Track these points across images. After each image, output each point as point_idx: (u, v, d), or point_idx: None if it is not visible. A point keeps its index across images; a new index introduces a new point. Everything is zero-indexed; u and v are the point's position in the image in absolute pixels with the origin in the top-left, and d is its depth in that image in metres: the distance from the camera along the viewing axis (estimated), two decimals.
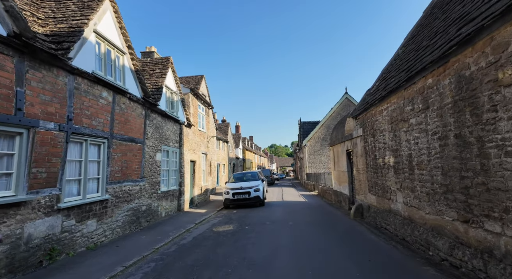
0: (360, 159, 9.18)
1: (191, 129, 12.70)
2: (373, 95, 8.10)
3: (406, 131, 5.76)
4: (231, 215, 10.35)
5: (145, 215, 8.27)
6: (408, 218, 5.84)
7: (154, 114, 9.06)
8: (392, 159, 6.56)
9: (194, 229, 8.11)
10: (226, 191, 12.56)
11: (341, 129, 12.06)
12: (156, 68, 9.98)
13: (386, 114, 6.82)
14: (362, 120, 8.89)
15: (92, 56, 5.80)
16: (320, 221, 8.64)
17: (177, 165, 11.09)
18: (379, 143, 7.38)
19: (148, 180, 8.52)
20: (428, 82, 4.81)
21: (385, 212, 7.07)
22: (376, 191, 7.77)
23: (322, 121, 28.93)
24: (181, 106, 11.44)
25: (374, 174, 7.83)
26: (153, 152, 8.92)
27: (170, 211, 10.29)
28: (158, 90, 9.17)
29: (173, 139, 10.74)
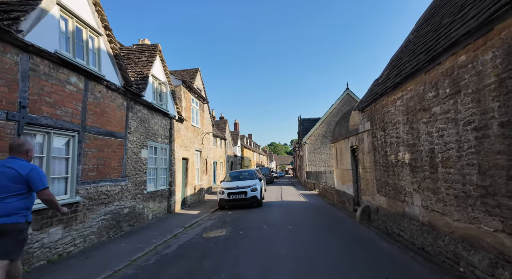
0: (367, 156, 8.30)
1: (183, 124, 11.80)
2: (383, 84, 7.21)
3: (427, 122, 4.87)
4: (226, 217, 9.48)
5: (128, 218, 7.39)
6: (428, 224, 4.97)
7: (139, 106, 8.15)
8: (407, 155, 5.68)
9: (182, 234, 7.23)
10: (221, 190, 11.69)
11: (345, 124, 11.18)
12: (142, 56, 9.06)
13: (400, 104, 5.94)
14: (370, 112, 8.01)
15: (54, 33, 4.89)
16: (323, 224, 7.78)
17: (167, 162, 10.20)
18: (391, 138, 6.50)
19: (131, 180, 7.63)
20: (459, 60, 3.92)
21: (398, 216, 6.20)
22: (386, 192, 6.91)
23: (322, 117, 28.06)
24: (172, 99, 10.53)
25: (385, 172, 6.96)
26: (137, 149, 8.03)
27: (159, 213, 9.42)
28: (143, 80, 8.26)
29: (162, 135, 9.84)
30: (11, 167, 3.05)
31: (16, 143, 3.26)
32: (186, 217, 9.53)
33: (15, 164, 3.09)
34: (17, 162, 3.11)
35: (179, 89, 11.67)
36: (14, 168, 3.05)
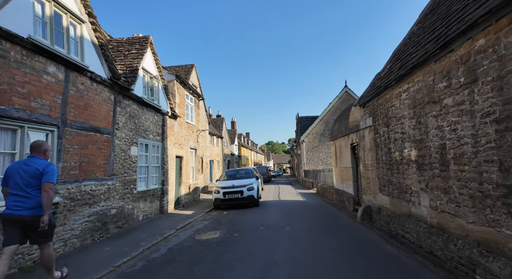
0: (369, 153, 7.92)
1: (177, 121, 11.35)
2: (387, 77, 6.82)
3: (436, 116, 4.48)
4: (220, 218, 9.06)
5: (115, 220, 6.95)
6: (437, 226, 4.58)
7: (128, 101, 7.69)
8: (414, 152, 5.29)
9: (174, 236, 6.80)
10: (217, 190, 11.27)
11: (345, 121, 10.79)
12: (132, 48, 8.59)
13: (406, 97, 5.54)
14: (372, 107, 7.61)
15: (28, 17, 4.42)
16: (323, 225, 7.39)
17: (159, 161, 9.75)
18: (395, 134, 6.11)
19: (119, 178, 7.18)
20: (477, 45, 3.52)
21: (403, 217, 5.82)
22: (389, 191, 6.52)
23: (320, 116, 27.71)
24: (164, 94, 10.07)
25: (388, 170, 6.57)
26: (126, 146, 7.57)
27: (150, 213, 8.98)
28: (132, 73, 7.79)
29: (154, 131, 9.39)
30: (31, 165, 3.43)
31: (36, 143, 3.64)
32: (179, 218, 9.10)
33: (35, 163, 3.47)
34: (37, 161, 3.50)
35: (172, 85, 11.21)
36: (35, 166, 3.43)
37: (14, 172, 3.41)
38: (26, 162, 3.49)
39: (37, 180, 3.38)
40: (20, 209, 3.30)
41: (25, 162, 3.48)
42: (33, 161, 3.47)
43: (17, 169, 3.42)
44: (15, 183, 3.36)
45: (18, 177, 3.37)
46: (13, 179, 3.39)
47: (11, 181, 3.40)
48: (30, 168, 3.40)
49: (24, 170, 3.39)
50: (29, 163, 3.45)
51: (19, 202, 3.33)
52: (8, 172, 3.46)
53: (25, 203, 3.32)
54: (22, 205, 3.32)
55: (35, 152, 3.58)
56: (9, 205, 3.35)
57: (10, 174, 3.44)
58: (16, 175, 3.38)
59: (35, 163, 3.45)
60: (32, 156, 3.56)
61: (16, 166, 3.48)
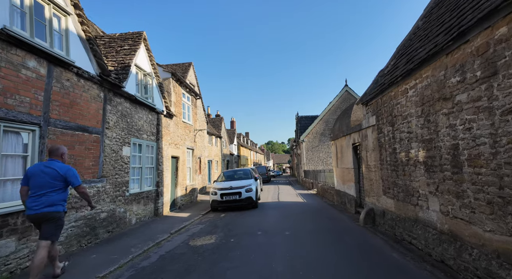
0: (372, 154, 7.57)
1: (173, 120, 10.99)
2: (391, 73, 6.47)
3: (448, 114, 4.13)
4: (217, 221, 8.70)
5: (106, 224, 6.59)
6: (448, 233, 4.23)
7: (119, 99, 7.33)
8: (422, 152, 4.94)
9: (167, 242, 6.45)
10: (214, 191, 10.92)
11: (346, 120, 10.44)
12: (124, 44, 8.23)
13: (413, 94, 5.19)
14: (375, 106, 7.26)
15: (3, 6, 4.05)
16: (324, 229, 7.04)
17: (154, 161, 9.40)
18: (401, 133, 5.76)
19: (110, 180, 6.82)
20: (497, 34, 3.16)
21: (409, 221, 5.47)
22: (394, 194, 6.18)
23: (320, 115, 27.38)
24: (159, 92, 9.71)
25: (393, 172, 6.22)
26: (117, 146, 7.21)
27: (144, 216, 8.62)
28: (124, 69, 7.43)
29: (148, 131, 9.03)
30: (51, 168, 3.77)
31: (53, 147, 3.99)
32: (174, 221, 8.75)
33: (54, 165, 3.81)
34: (55, 164, 3.85)
35: (168, 83, 10.85)
36: (54, 168, 3.78)
37: (35, 174, 3.72)
38: (46, 164, 3.83)
39: (57, 181, 3.75)
40: (39, 207, 3.65)
41: (45, 165, 3.82)
42: (52, 164, 3.83)
43: (37, 171, 3.74)
44: (35, 183, 3.68)
45: (39, 178, 3.68)
46: (33, 179, 3.69)
47: (31, 181, 3.70)
48: (50, 170, 3.76)
49: (44, 172, 3.72)
50: (49, 166, 3.80)
51: (38, 201, 3.66)
52: (29, 173, 3.76)
53: (42, 202, 3.66)
54: (40, 203, 3.66)
55: (53, 155, 3.95)
56: (30, 205, 3.66)
57: (30, 175, 3.73)
58: (37, 176, 3.69)
59: (55, 166, 3.81)
60: (51, 159, 3.92)
61: (36, 168, 3.80)
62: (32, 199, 3.66)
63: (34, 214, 3.64)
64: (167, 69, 10.88)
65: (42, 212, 3.64)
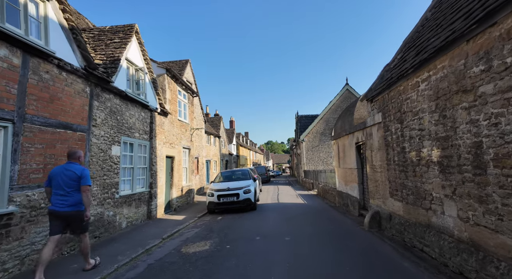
0: (378, 153, 7.12)
1: (168, 118, 10.52)
2: (399, 66, 6.01)
3: (468, 108, 3.67)
4: (213, 225, 8.24)
5: (92, 228, 6.12)
6: (469, 242, 3.78)
7: (108, 94, 6.86)
8: (436, 151, 4.48)
9: (157, 248, 5.98)
10: (211, 192, 10.45)
11: (349, 118, 9.99)
12: (115, 37, 7.75)
13: (425, 87, 4.73)
14: (381, 102, 6.80)
15: None
16: (326, 234, 6.58)
17: (147, 161, 8.93)
18: (410, 131, 5.30)
19: (97, 182, 6.36)
20: None
21: (420, 227, 5.02)
22: (403, 196, 5.72)
23: (321, 114, 26.92)
24: (152, 89, 9.24)
25: (401, 173, 5.77)
26: (106, 145, 6.74)
27: (136, 219, 8.15)
28: (113, 63, 6.95)
29: (140, 129, 8.56)
30: (71, 170, 4.14)
31: (71, 151, 4.37)
32: (168, 224, 8.28)
33: (73, 168, 4.18)
34: (74, 166, 4.21)
35: (162, 79, 10.38)
36: (73, 170, 4.14)
37: (56, 175, 4.11)
38: (66, 167, 4.20)
39: (75, 182, 4.11)
40: (63, 206, 4.03)
41: (65, 167, 4.19)
42: (71, 167, 4.20)
43: (59, 172, 4.13)
44: (57, 184, 4.07)
45: (60, 179, 4.08)
46: (55, 180, 4.09)
47: (53, 182, 4.10)
48: (69, 172, 4.13)
49: (64, 174, 4.11)
50: (68, 168, 4.17)
51: (62, 200, 4.04)
52: (51, 175, 4.15)
53: (66, 201, 4.05)
54: (64, 202, 4.03)
55: (71, 159, 4.33)
56: (54, 202, 4.06)
57: (52, 177, 4.13)
58: (58, 178, 4.08)
59: (73, 168, 4.18)
60: (70, 162, 4.30)
61: (58, 170, 4.18)
62: (56, 197, 4.06)
63: (57, 210, 4.03)
64: (162, 65, 10.41)
65: (65, 211, 4.03)
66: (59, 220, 4.06)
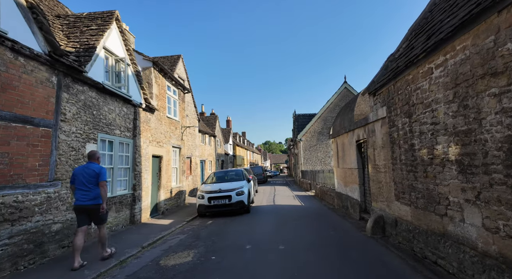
0: (381, 151, 6.46)
1: (155, 114, 9.79)
2: (406, 55, 5.35)
3: (499, 94, 3.00)
4: (201, 230, 7.53)
5: (60, 237, 5.40)
6: (498, 257, 3.11)
7: (81, 86, 6.14)
8: (454, 148, 3.81)
9: (134, 259, 5.27)
10: (201, 195, 9.75)
11: (349, 114, 9.33)
12: (92, 24, 7.02)
13: (441, 73, 4.06)
14: (386, 95, 6.14)
15: None
16: (325, 242, 5.90)
17: (130, 161, 8.20)
18: (421, 125, 4.64)
19: (67, 184, 5.63)
20: None
21: (433, 236, 4.35)
22: (411, 200, 5.06)
23: (318, 113, 26.28)
24: (136, 83, 8.52)
25: (409, 173, 5.10)
26: (79, 142, 6.02)
27: (117, 225, 7.42)
28: (87, 51, 6.22)
29: (122, 126, 7.83)
30: (90, 168, 4.80)
31: (91, 153, 5.05)
32: (151, 230, 7.56)
33: (93, 166, 4.85)
34: (93, 165, 4.88)
35: (148, 72, 9.65)
36: (92, 169, 4.81)
37: (79, 174, 4.69)
38: (87, 166, 4.79)
39: (95, 179, 4.68)
40: (85, 200, 4.61)
41: (86, 167, 4.78)
42: (91, 166, 4.78)
43: (81, 171, 4.72)
44: (80, 181, 4.65)
45: (82, 177, 4.65)
46: (78, 178, 4.66)
47: (76, 180, 4.68)
48: (90, 171, 4.71)
49: (86, 172, 4.68)
50: (89, 167, 4.76)
51: (84, 195, 4.62)
52: (75, 174, 4.73)
53: (87, 195, 4.62)
54: (86, 197, 4.62)
55: (91, 159, 4.94)
56: (78, 197, 4.65)
57: (76, 175, 4.71)
58: (81, 176, 4.66)
59: (92, 167, 4.77)
60: (90, 162, 4.90)
61: (80, 169, 4.77)
62: (79, 193, 4.66)
63: (80, 205, 4.64)
64: (148, 58, 9.68)
65: (87, 204, 4.63)
66: (84, 214, 4.72)
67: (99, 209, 4.72)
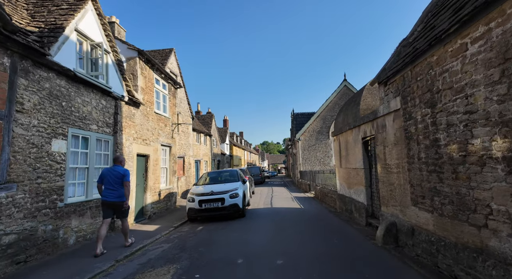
0: (393, 149, 5.63)
1: (140, 109, 8.91)
2: (426, 35, 4.52)
3: None
4: (189, 239, 6.66)
5: (14, 251, 4.50)
6: None
7: (46, 72, 5.25)
8: (500, 143, 2.99)
9: (103, 277, 4.38)
10: (191, 197, 8.87)
11: (353, 109, 8.51)
12: (63, 3, 6.13)
13: (480, 48, 3.23)
14: (400, 83, 5.32)
15: None
16: (331, 253, 5.05)
17: (110, 160, 7.31)
18: (450, 115, 3.81)
19: (26, 187, 4.75)
20: None
21: (466, 251, 3.52)
22: (434, 206, 4.23)
23: (317, 112, 25.44)
24: (118, 73, 7.63)
25: (431, 174, 4.28)
26: (42, 138, 5.14)
27: (92, 232, 6.53)
28: (52, 31, 5.34)
29: (100, 121, 6.94)
30: (116, 170, 5.66)
31: (116, 156, 5.95)
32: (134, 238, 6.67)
33: (118, 169, 5.70)
34: (119, 168, 5.74)
35: (133, 63, 8.76)
36: (118, 171, 5.66)
37: (107, 174, 5.61)
38: (113, 168, 5.73)
39: (120, 179, 5.59)
40: (112, 197, 5.52)
41: (112, 168, 5.72)
42: (116, 168, 5.73)
43: (108, 172, 5.64)
44: (107, 181, 5.55)
45: (109, 178, 5.56)
46: (106, 179, 5.57)
47: (105, 180, 5.57)
48: (116, 172, 5.65)
49: (112, 174, 5.61)
50: (115, 169, 5.70)
51: (111, 193, 5.52)
52: (103, 174, 5.65)
53: (114, 193, 5.53)
54: (112, 195, 5.52)
55: (116, 162, 5.87)
56: (105, 194, 5.52)
57: (104, 175, 5.61)
58: (108, 177, 5.57)
59: (118, 169, 5.71)
60: (115, 165, 5.84)
61: (107, 170, 5.70)
62: (107, 191, 5.49)
63: (107, 201, 5.47)
64: (134, 47, 8.80)
65: (113, 201, 5.48)
66: (109, 208, 5.51)
67: (122, 205, 5.56)
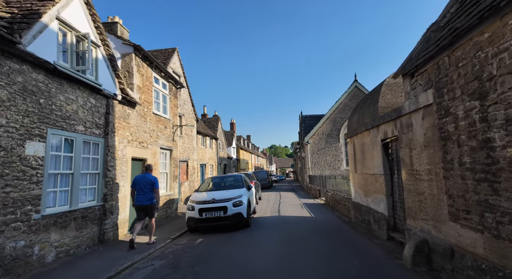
0: (423, 152, 4.74)
1: (136, 109, 8.22)
2: (469, 11, 3.66)
3: None
4: (185, 254, 5.86)
5: None
6: None
7: (19, 64, 4.59)
8: None
9: None
10: (191, 205, 8.10)
11: (370, 108, 7.61)
12: None
13: None
14: (432, 73, 4.44)
15: None
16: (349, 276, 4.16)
17: (100, 165, 6.62)
18: (510, 109, 2.92)
19: None
20: None
21: None
22: (486, 223, 3.33)
23: (327, 114, 24.48)
24: (110, 69, 6.97)
25: (481, 183, 3.38)
26: (13, 140, 4.46)
27: (77, 246, 5.80)
28: (26, 17, 4.68)
29: (88, 121, 6.26)
30: (148, 178, 6.55)
31: (147, 165, 6.97)
32: (123, 252, 5.93)
33: (149, 176, 6.62)
34: (149, 175, 6.67)
35: (129, 59, 8.11)
36: (149, 178, 6.56)
37: (139, 181, 6.48)
38: (144, 176, 6.62)
39: (150, 186, 6.49)
40: (144, 200, 6.44)
41: (144, 176, 6.61)
42: (147, 176, 6.62)
43: (140, 179, 6.51)
44: (140, 187, 6.44)
45: (141, 184, 6.45)
46: (138, 185, 6.45)
47: (137, 186, 6.46)
48: (147, 179, 6.52)
49: (144, 180, 6.49)
50: (146, 176, 6.59)
51: (143, 197, 6.43)
52: (135, 180, 6.53)
53: (145, 197, 6.44)
54: (145, 198, 6.44)
55: (148, 170, 6.86)
56: (138, 199, 6.45)
57: (136, 182, 6.50)
58: (140, 183, 6.46)
59: (149, 176, 6.60)
60: (146, 173, 6.78)
61: (139, 177, 6.57)
62: (139, 196, 6.44)
63: (140, 205, 6.44)
64: (129, 42, 8.15)
65: (145, 204, 6.44)
66: (142, 211, 6.50)
67: (153, 207, 6.53)
